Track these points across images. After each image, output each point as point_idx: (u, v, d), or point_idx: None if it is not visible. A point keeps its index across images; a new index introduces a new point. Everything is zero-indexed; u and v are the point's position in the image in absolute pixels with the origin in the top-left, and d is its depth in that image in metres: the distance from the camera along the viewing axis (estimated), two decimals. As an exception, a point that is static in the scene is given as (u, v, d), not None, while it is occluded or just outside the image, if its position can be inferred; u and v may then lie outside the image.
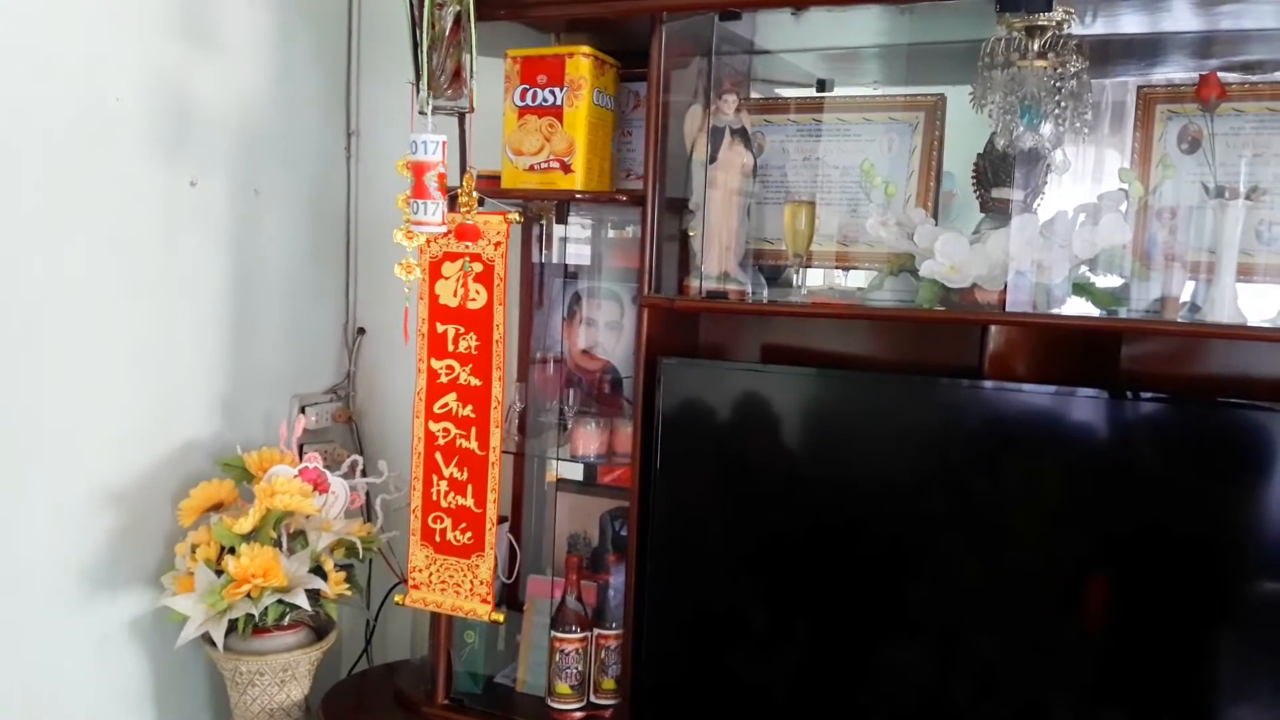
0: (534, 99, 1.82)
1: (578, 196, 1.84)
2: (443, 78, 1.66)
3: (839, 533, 1.76)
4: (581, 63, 1.79)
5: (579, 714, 1.92)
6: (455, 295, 1.84)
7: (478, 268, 1.82)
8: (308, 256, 2.32)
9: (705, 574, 1.85)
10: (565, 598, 1.92)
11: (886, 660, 1.74)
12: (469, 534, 1.86)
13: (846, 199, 1.85)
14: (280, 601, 1.87)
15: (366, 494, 2.15)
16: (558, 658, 1.91)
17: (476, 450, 1.85)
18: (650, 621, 1.86)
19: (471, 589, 1.87)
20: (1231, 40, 1.66)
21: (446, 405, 1.86)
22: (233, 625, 1.86)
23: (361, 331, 2.45)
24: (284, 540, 1.93)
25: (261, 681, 1.92)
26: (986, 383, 1.68)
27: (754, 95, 1.96)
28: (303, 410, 2.27)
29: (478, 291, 1.83)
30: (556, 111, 1.81)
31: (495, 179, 1.86)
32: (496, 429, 1.83)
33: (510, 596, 2.12)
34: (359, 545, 1.99)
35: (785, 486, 1.79)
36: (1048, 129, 1.61)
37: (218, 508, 1.98)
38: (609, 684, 1.92)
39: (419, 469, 1.89)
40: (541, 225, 2.03)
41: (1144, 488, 1.58)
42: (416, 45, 1.65)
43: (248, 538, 1.88)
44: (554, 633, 1.91)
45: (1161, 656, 1.58)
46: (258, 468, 2.00)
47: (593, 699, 1.92)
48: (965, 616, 1.68)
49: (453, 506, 1.87)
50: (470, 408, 1.84)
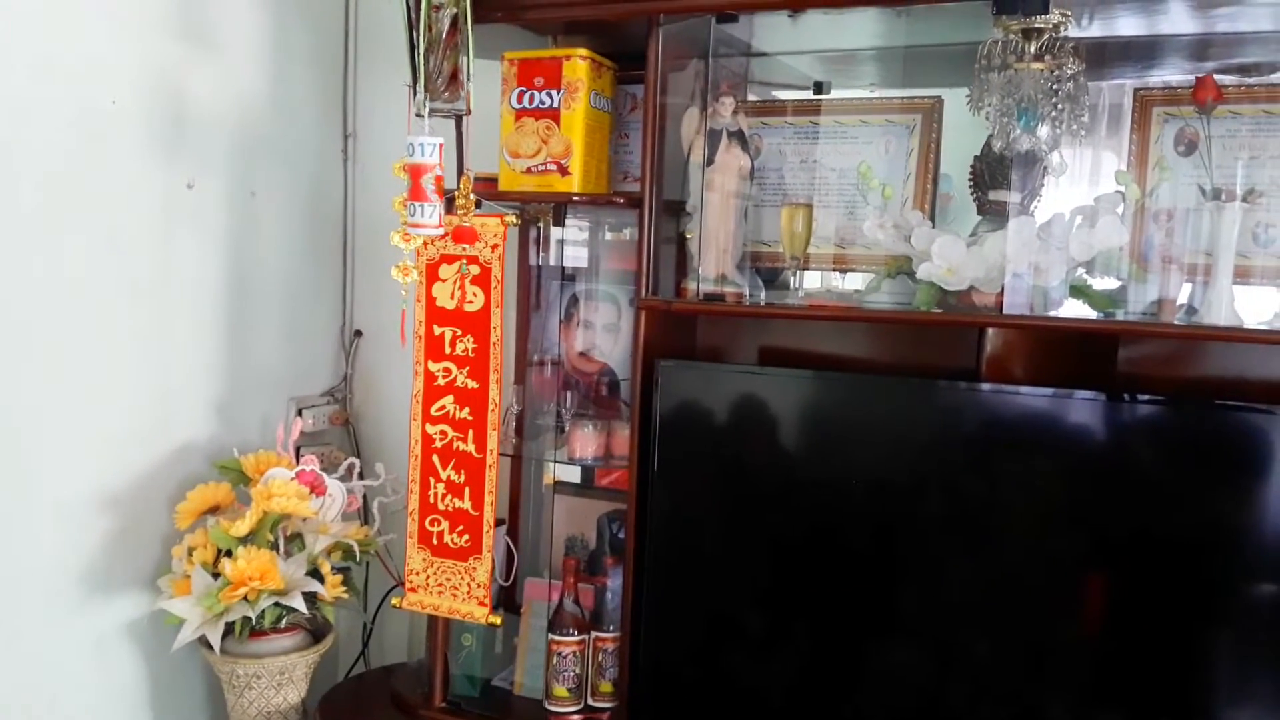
0: (531, 101, 1.82)
1: (575, 199, 1.84)
2: (440, 80, 1.66)
3: (837, 535, 1.76)
4: (578, 65, 1.79)
5: (576, 717, 1.91)
6: (452, 298, 1.84)
7: (475, 270, 1.82)
8: (305, 259, 2.32)
9: (703, 576, 1.85)
10: (563, 600, 1.92)
11: (885, 662, 1.74)
12: (466, 537, 1.86)
13: (844, 201, 1.85)
14: (277, 604, 1.87)
15: (364, 497, 2.15)
16: (555, 660, 1.90)
17: (474, 453, 1.85)
18: (648, 624, 1.86)
19: (469, 592, 1.87)
20: (1228, 43, 1.66)
21: (444, 408, 1.86)
22: (230, 628, 1.86)
23: (358, 334, 2.45)
24: (281, 543, 1.93)
25: (258, 684, 1.92)
26: (984, 385, 1.68)
27: (751, 98, 1.96)
28: (300, 413, 2.27)
29: (475, 294, 1.82)
30: (553, 114, 1.81)
31: (492, 181, 1.86)
32: (494, 431, 1.83)
33: (508, 599, 2.12)
34: (356, 548, 1.99)
35: (783, 489, 1.79)
36: (1045, 131, 1.61)
37: (214, 510, 1.98)
38: (606, 687, 1.92)
39: (416, 471, 1.89)
40: (539, 228, 2.03)
41: (1141, 490, 1.58)
42: (413, 47, 1.65)
43: (244, 540, 1.88)
44: (551, 635, 1.91)
45: (1158, 658, 1.58)
46: (254, 470, 2.00)
47: (590, 702, 1.92)
48: (963, 618, 1.68)
49: (450, 509, 1.87)
50: (467, 410, 1.84)
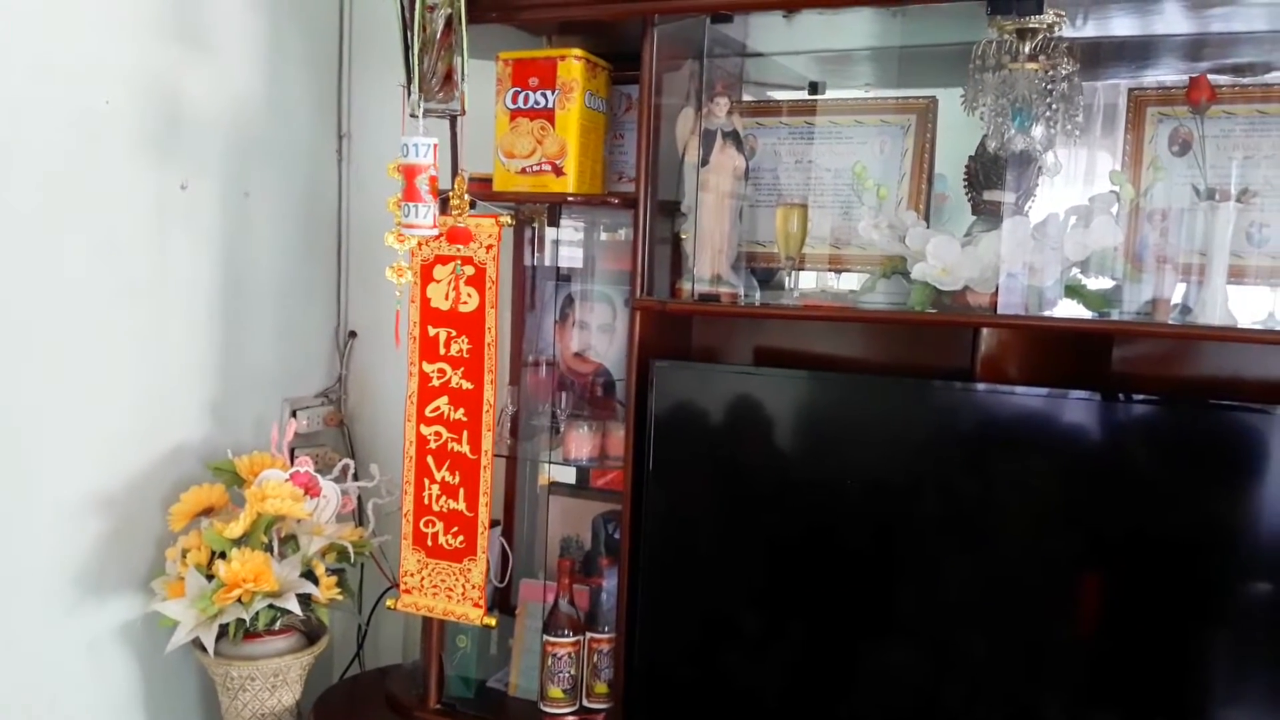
0: (526, 102, 1.82)
1: (569, 199, 1.84)
2: (434, 80, 1.66)
3: (831, 535, 1.76)
4: (573, 65, 1.79)
5: (571, 718, 1.91)
6: (447, 298, 1.84)
7: (469, 271, 1.81)
8: (299, 259, 2.32)
9: (698, 577, 1.85)
10: (558, 601, 1.92)
11: (880, 663, 1.73)
12: (461, 538, 1.86)
13: (839, 202, 1.85)
14: (271, 606, 1.86)
15: (358, 498, 2.14)
16: (550, 662, 1.90)
17: (468, 454, 1.84)
18: (643, 625, 1.85)
19: (463, 593, 1.86)
20: (1222, 43, 1.66)
21: (438, 409, 1.86)
22: (223, 630, 1.85)
23: (353, 335, 2.45)
24: (275, 545, 1.92)
25: (252, 687, 1.91)
26: (978, 385, 1.68)
27: (746, 98, 1.95)
28: (294, 414, 2.27)
29: (469, 294, 1.82)
30: (548, 114, 1.81)
31: (487, 182, 1.86)
32: (488, 432, 1.83)
33: (502, 600, 2.11)
34: (350, 549, 1.98)
35: (778, 489, 1.79)
36: (1039, 131, 1.61)
37: (208, 512, 1.97)
38: (602, 688, 1.91)
39: (410, 473, 1.89)
40: (533, 228, 2.03)
41: (1136, 489, 1.58)
42: (408, 48, 1.65)
43: (238, 542, 1.87)
44: (546, 637, 1.91)
45: (1154, 657, 1.58)
46: (249, 472, 1.99)
47: (585, 703, 1.92)
48: (958, 618, 1.68)
49: (445, 510, 1.87)
50: (462, 411, 1.84)
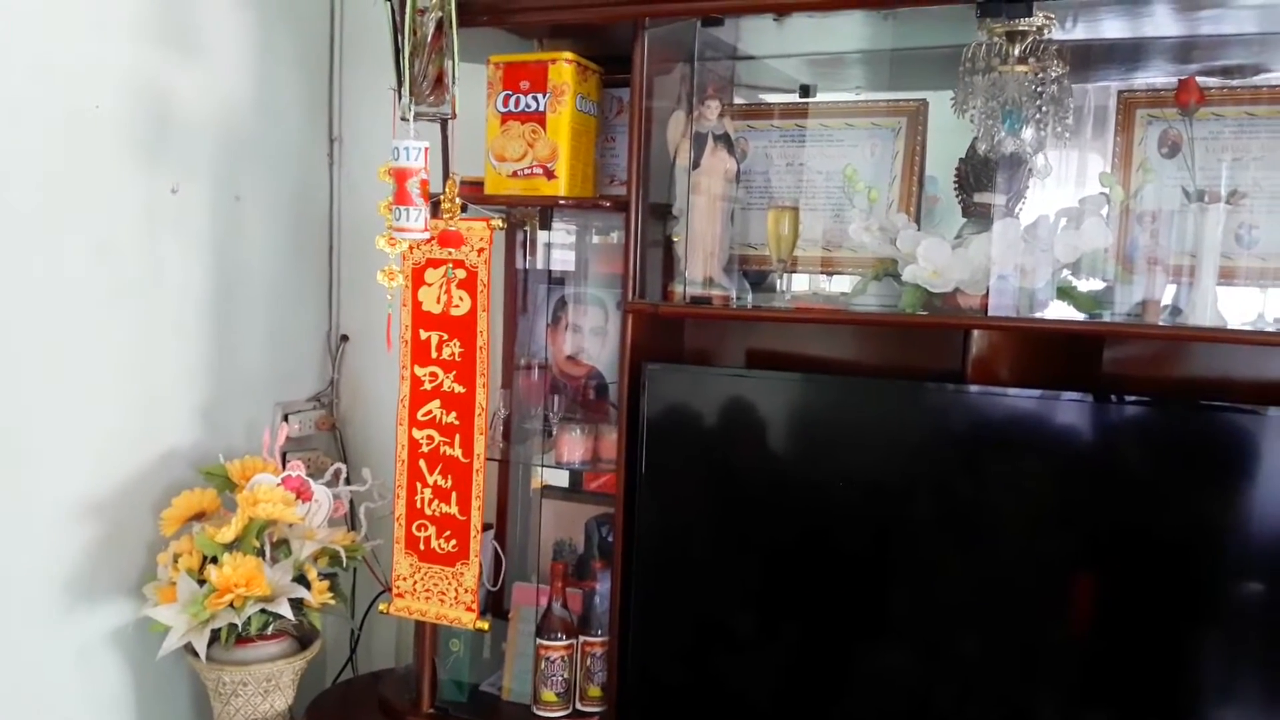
0: (517, 105, 1.82)
1: (561, 202, 1.84)
2: (425, 84, 1.66)
3: (824, 537, 1.76)
4: (564, 68, 1.79)
5: (565, 721, 1.91)
6: (438, 302, 1.83)
7: (461, 274, 1.81)
8: (290, 263, 2.31)
9: (691, 580, 1.85)
10: (551, 605, 1.92)
11: (874, 665, 1.74)
12: (453, 542, 1.86)
13: (830, 204, 1.85)
14: (263, 611, 1.86)
15: (350, 502, 2.14)
16: (543, 665, 1.90)
17: (461, 457, 1.84)
18: (636, 628, 1.85)
19: (456, 597, 1.86)
20: (1210, 45, 1.67)
21: (430, 412, 1.85)
22: (215, 635, 1.85)
23: (345, 338, 2.44)
24: (267, 549, 1.92)
25: (245, 692, 1.91)
26: (970, 387, 1.68)
27: (737, 101, 1.96)
28: (285, 418, 2.26)
29: (461, 298, 1.82)
30: (539, 117, 1.81)
31: (478, 185, 1.86)
32: (481, 436, 1.83)
33: (495, 604, 2.11)
34: (343, 554, 1.98)
35: (770, 491, 1.79)
36: (1029, 134, 1.62)
37: (200, 517, 1.97)
38: (595, 691, 1.91)
39: (403, 476, 1.88)
40: (525, 231, 2.03)
41: (1127, 490, 1.59)
42: (398, 51, 1.65)
43: (230, 547, 1.86)
44: (539, 640, 1.90)
45: (1146, 657, 1.58)
46: (240, 476, 1.98)
47: (579, 706, 1.92)
48: (951, 619, 1.68)
49: (437, 514, 1.86)
50: (454, 414, 1.84)
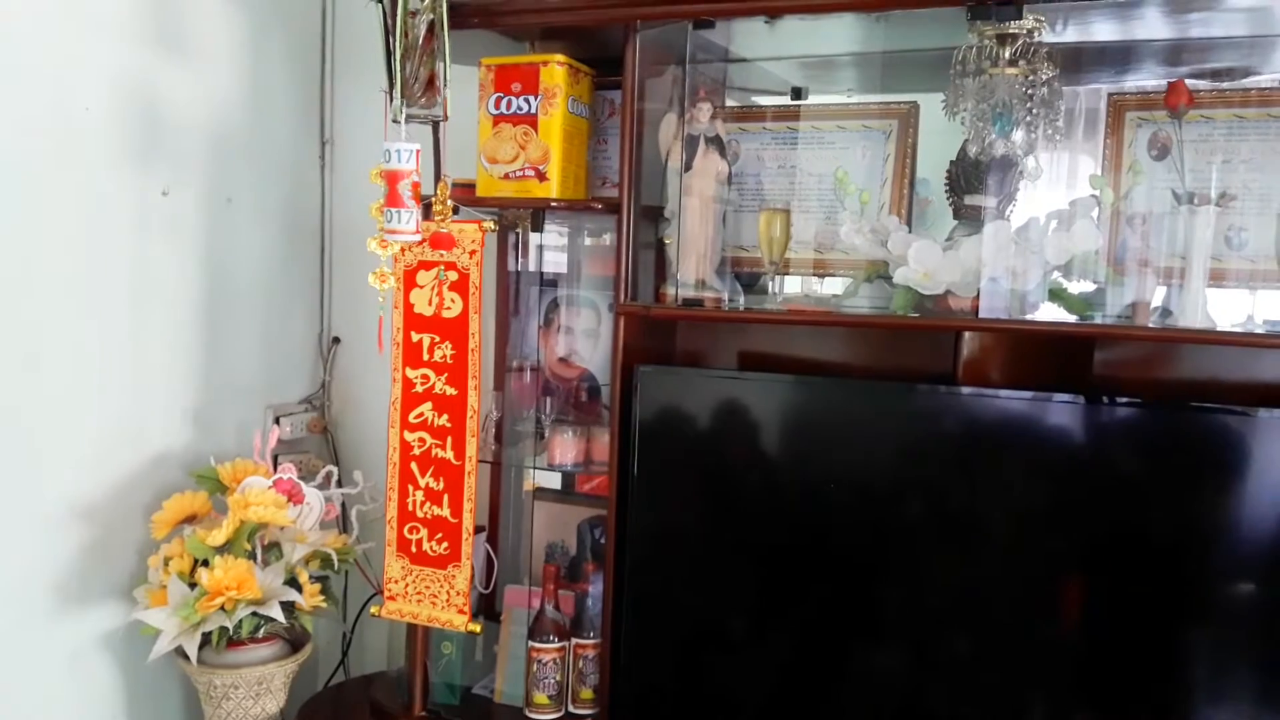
0: (509, 107, 1.82)
1: (553, 204, 1.84)
2: (416, 86, 1.66)
3: (816, 538, 1.76)
4: (556, 71, 1.79)
5: (557, 724, 1.91)
6: (430, 304, 1.83)
7: (453, 276, 1.81)
8: (281, 265, 2.31)
9: (684, 582, 1.85)
10: (543, 607, 1.92)
11: (865, 666, 1.74)
12: (445, 544, 1.85)
13: (821, 206, 1.85)
14: (255, 614, 1.85)
15: (342, 505, 2.13)
16: (535, 668, 1.90)
17: (453, 460, 1.84)
18: (628, 630, 1.85)
19: (448, 600, 1.86)
20: (1200, 48, 1.68)
21: (422, 415, 1.85)
22: (206, 638, 1.84)
23: (336, 341, 2.44)
24: (258, 552, 1.91)
25: (236, 695, 1.90)
26: (961, 388, 1.68)
27: (729, 103, 1.96)
28: (277, 420, 2.26)
29: (453, 300, 1.82)
30: (531, 120, 1.81)
31: (470, 187, 1.86)
32: (473, 438, 1.82)
33: (487, 607, 2.11)
34: (334, 557, 1.98)
35: (763, 493, 1.79)
36: (1020, 136, 1.62)
37: (191, 520, 1.96)
38: (587, 694, 1.91)
39: (394, 479, 1.88)
40: (517, 233, 2.03)
41: (1118, 491, 1.59)
42: (390, 53, 1.64)
43: (221, 550, 1.86)
44: (532, 643, 1.90)
45: (1137, 657, 1.59)
46: (231, 479, 1.98)
47: (571, 709, 1.92)
48: (942, 620, 1.69)
49: (429, 517, 1.86)
50: (446, 417, 1.84)
